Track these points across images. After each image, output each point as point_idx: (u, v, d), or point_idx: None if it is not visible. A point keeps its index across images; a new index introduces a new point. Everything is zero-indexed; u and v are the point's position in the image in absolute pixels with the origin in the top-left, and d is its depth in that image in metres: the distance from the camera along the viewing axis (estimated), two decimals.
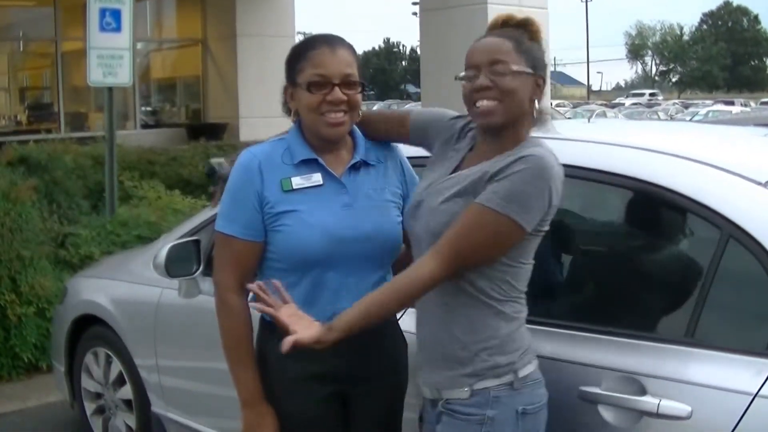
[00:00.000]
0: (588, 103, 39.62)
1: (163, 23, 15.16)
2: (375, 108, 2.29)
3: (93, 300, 3.94)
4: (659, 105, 37.42)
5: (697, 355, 1.97)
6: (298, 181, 2.11)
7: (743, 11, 77.12)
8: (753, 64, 76.35)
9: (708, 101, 40.30)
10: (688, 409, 1.91)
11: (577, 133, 3.00)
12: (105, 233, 6.24)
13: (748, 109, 26.06)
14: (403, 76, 72.84)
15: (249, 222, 2.12)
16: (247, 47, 12.72)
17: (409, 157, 2.33)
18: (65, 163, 7.11)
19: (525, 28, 2.00)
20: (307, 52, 2.12)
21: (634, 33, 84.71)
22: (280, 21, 12.97)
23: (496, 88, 1.91)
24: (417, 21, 10.60)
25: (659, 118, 24.94)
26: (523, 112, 1.95)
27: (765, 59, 76.82)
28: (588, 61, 65.65)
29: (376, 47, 76.39)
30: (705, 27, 79.02)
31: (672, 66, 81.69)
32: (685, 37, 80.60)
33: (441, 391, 1.99)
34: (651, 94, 53.34)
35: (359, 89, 2.13)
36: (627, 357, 2.05)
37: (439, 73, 8.80)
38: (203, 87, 13.82)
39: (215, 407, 3.24)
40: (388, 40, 79.25)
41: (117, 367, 3.81)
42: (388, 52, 75.22)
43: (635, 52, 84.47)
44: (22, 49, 14.21)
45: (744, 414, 1.84)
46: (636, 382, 1.99)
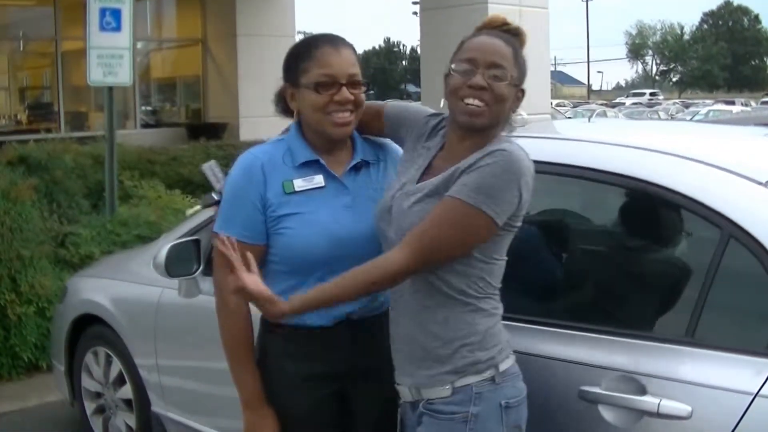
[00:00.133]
0: (588, 103, 39.61)
1: (163, 23, 15.16)
2: None
3: (93, 299, 3.94)
4: (660, 105, 37.39)
5: (697, 355, 1.97)
6: (299, 183, 2.10)
7: (744, 11, 77.08)
8: (753, 63, 76.29)
9: (708, 101, 40.27)
10: (689, 408, 1.91)
11: (578, 132, 3.01)
12: (105, 233, 6.24)
13: (749, 108, 26.04)
14: (403, 75, 72.76)
15: (249, 224, 2.10)
16: (247, 47, 12.72)
17: None
18: (65, 162, 7.10)
19: (518, 38, 2.01)
20: (311, 51, 2.11)
21: (634, 32, 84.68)
22: (280, 20, 12.96)
23: (490, 92, 1.91)
24: (417, 20, 10.60)
25: (660, 117, 24.93)
26: (502, 120, 1.97)
27: (765, 59, 76.78)
28: (588, 61, 65.72)
29: (377, 47, 76.36)
30: (705, 26, 78.97)
31: (672, 65, 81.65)
32: (686, 37, 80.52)
33: (421, 390, 1.98)
34: (651, 94, 53.29)
35: (364, 88, 2.13)
36: (627, 357, 2.04)
37: (439, 72, 8.77)
38: (203, 86, 13.82)
39: (215, 407, 3.24)
40: (389, 39, 79.26)
41: (117, 367, 3.81)
42: (389, 52, 75.14)
43: (636, 52, 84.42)
44: (22, 48, 14.19)
45: (744, 414, 1.84)
46: (636, 382, 1.99)
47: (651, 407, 1.95)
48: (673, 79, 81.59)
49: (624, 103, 40.76)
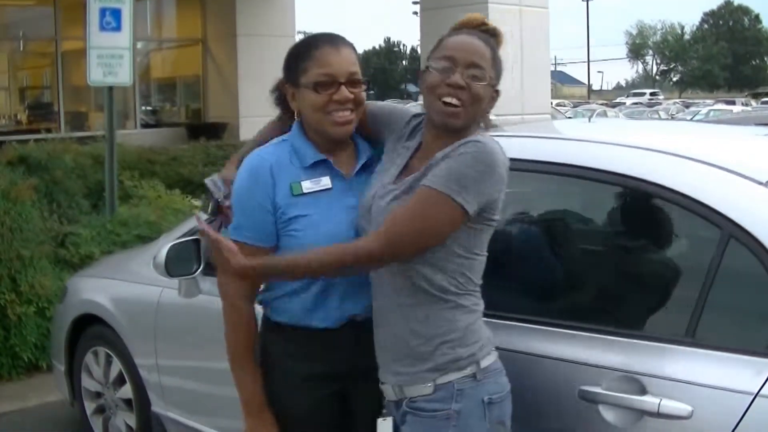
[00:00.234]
0: (588, 103, 39.58)
1: (163, 22, 15.17)
2: None
3: (93, 299, 3.94)
4: (660, 104, 37.37)
5: (697, 355, 1.96)
6: (307, 185, 2.09)
7: (744, 10, 77.08)
8: (754, 63, 76.28)
9: (709, 101, 40.24)
10: (689, 408, 1.91)
11: (578, 132, 3.00)
12: (105, 233, 6.24)
13: (749, 108, 26.02)
14: (403, 75, 72.74)
15: (259, 227, 2.10)
16: (247, 47, 12.72)
17: None
18: (65, 162, 7.10)
19: (495, 39, 2.04)
20: (311, 51, 2.11)
21: (634, 32, 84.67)
22: (280, 20, 12.97)
23: (468, 91, 1.94)
24: (417, 20, 10.60)
25: (660, 117, 24.92)
26: (477, 119, 2.00)
27: (766, 58, 76.77)
28: (588, 61, 65.64)
29: (377, 47, 76.37)
30: (706, 26, 78.96)
31: (673, 65, 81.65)
32: (686, 37, 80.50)
33: (404, 388, 1.99)
34: (652, 94, 53.23)
35: (364, 87, 2.13)
36: (627, 356, 2.04)
37: None
38: (203, 86, 13.82)
39: (215, 407, 3.23)
40: (389, 39, 79.27)
41: (117, 367, 3.81)
42: (389, 52, 75.13)
43: (636, 52, 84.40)
44: (22, 48, 14.21)
45: (745, 414, 1.83)
46: (636, 382, 1.99)
47: (651, 407, 1.95)
48: (674, 79, 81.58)
49: (624, 103, 40.73)
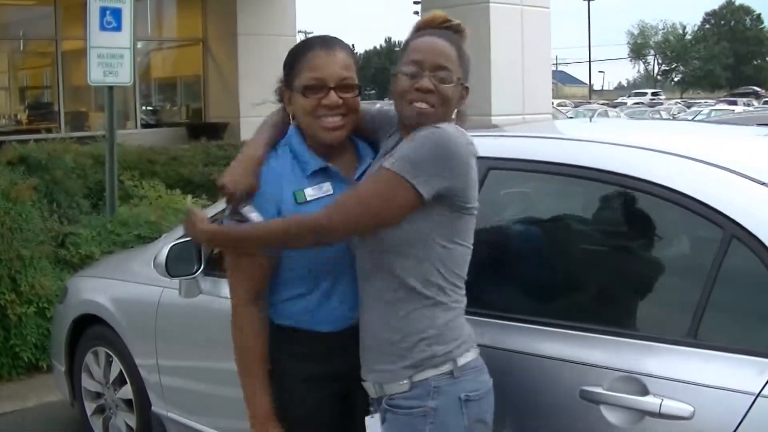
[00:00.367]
0: (590, 103, 39.56)
1: (163, 22, 15.15)
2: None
3: (93, 299, 3.94)
4: (661, 104, 37.34)
5: (699, 355, 1.96)
6: (310, 193, 2.09)
7: (746, 10, 77.01)
8: (755, 63, 76.22)
9: (710, 100, 40.20)
10: (691, 409, 1.90)
11: (579, 132, 3.00)
12: (105, 233, 6.24)
13: (751, 108, 25.98)
14: None
15: None
16: (247, 46, 12.70)
17: None
18: (65, 162, 7.10)
19: (460, 35, 2.07)
20: (303, 54, 2.11)
21: (636, 32, 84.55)
22: (280, 20, 12.95)
23: (437, 94, 1.97)
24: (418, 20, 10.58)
25: (661, 117, 24.90)
26: (449, 117, 2.02)
27: (767, 58, 76.71)
28: (590, 61, 65.61)
29: (377, 46, 76.38)
30: (707, 26, 78.88)
31: (674, 65, 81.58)
32: (688, 37, 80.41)
33: (383, 386, 2.00)
34: (653, 94, 53.20)
35: (356, 92, 2.11)
36: (629, 357, 2.04)
37: None
38: (204, 86, 13.81)
39: (216, 407, 3.23)
40: (390, 39, 79.21)
41: (117, 367, 3.81)
42: (390, 51, 75.05)
43: (637, 52, 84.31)
44: (22, 48, 14.20)
45: (746, 414, 1.83)
46: (638, 382, 1.99)
47: (653, 407, 1.95)
48: (675, 79, 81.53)
49: (626, 103, 40.64)
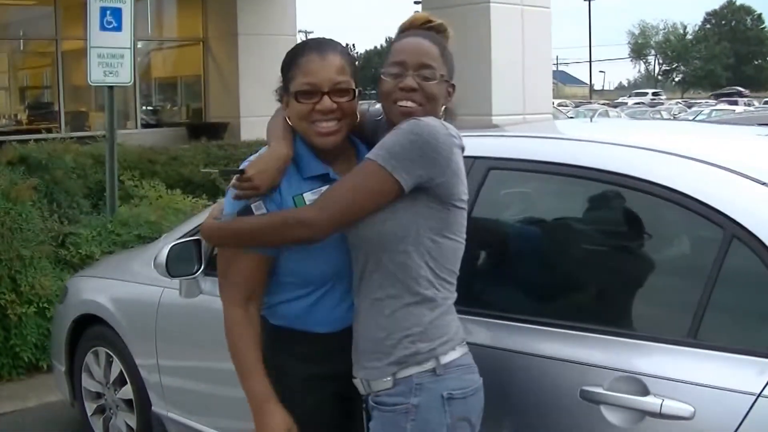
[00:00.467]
0: (590, 103, 39.54)
1: (163, 22, 15.15)
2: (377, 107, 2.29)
3: (93, 300, 3.94)
4: (662, 104, 37.33)
5: (700, 355, 1.96)
6: (309, 197, 2.08)
7: (746, 10, 76.99)
8: (756, 63, 76.20)
9: (711, 101, 40.17)
10: (691, 409, 1.90)
11: (580, 132, 3.00)
12: (105, 233, 6.24)
13: (752, 108, 25.98)
14: None
15: None
16: (248, 46, 12.70)
17: None
18: (65, 162, 7.10)
19: (442, 34, 2.09)
20: (297, 59, 2.09)
21: (637, 32, 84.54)
22: (281, 20, 12.94)
23: (421, 92, 2.00)
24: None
25: (662, 117, 24.90)
26: (437, 115, 2.03)
27: None
28: (590, 60, 65.42)
29: (378, 46, 76.37)
30: (708, 26, 78.86)
31: (675, 65, 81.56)
32: (689, 37, 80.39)
33: (370, 383, 2.01)
34: (654, 94, 53.18)
35: (351, 96, 2.09)
36: (630, 357, 2.04)
37: None
38: (204, 86, 13.80)
39: (216, 407, 3.23)
40: (390, 38, 79.02)
41: (118, 367, 3.81)
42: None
43: (638, 52, 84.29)
44: (22, 48, 14.20)
45: (747, 414, 1.83)
46: (638, 382, 1.98)
47: (653, 408, 1.94)
48: (676, 79, 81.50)
49: (626, 103, 40.63)
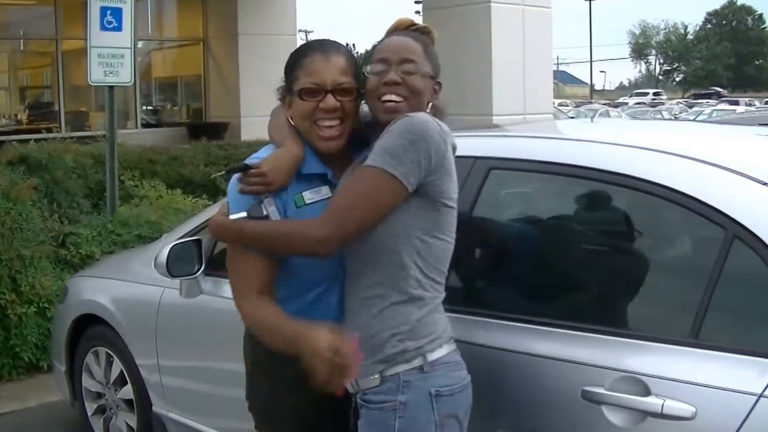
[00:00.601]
0: (591, 103, 39.53)
1: (164, 22, 15.15)
2: None
3: (94, 299, 3.94)
4: (663, 104, 37.30)
5: (701, 356, 1.96)
6: (309, 196, 2.09)
7: (747, 10, 76.95)
8: (757, 63, 76.17)
9: (712, 101, 40.15)
10: (693, 409, 1.90)
11: (581, 132, 3.00)
12: (106, 233, 6.23)
13: (753, 108, 25.96)
14: None
15: None
16: (248, 46, 12.70)
17: None
18: (66, 162, 7.10)
19: (428, 36, 2.12)
20: (301, 60, 2.12)
21: (637, 32, 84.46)
22: (281, 19, 12.94)
23: (405, 86, 2.02)
24: (420, 20, 10.58)
25: (663, 117, 24.89)
26: (421, 111, 2.03)
27: None
28: (591, 60, 65.40)
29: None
30: (709, 26, 78.83)
31: (676, 65, 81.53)
32: (689, 37, 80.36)
33: (357, 381, 2.01)
34: (655, 94, 53.16)
35: (354, 96, 2.11)
36: (631, 357, 2.03)
37: (441, 71, 8.75)
38: (204, 86, 13.80)
39: (217, 407, 3.23)
40: None
41: (118, 367, 3.81)
42: None
43: (639, 51, 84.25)
44: (22, 48, 14.20)
45: (749, 415, 1.82)
46: (640, 383, 1.98)
47: (655, 408, 1.94)
48: (677, 78, 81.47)
49: (627, 103, 40.61)
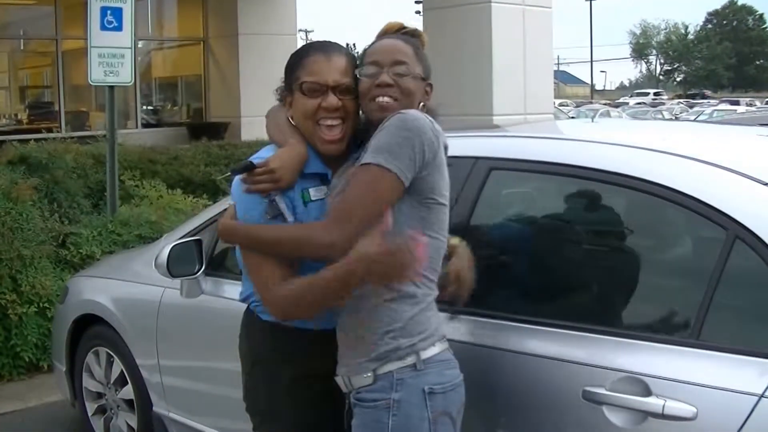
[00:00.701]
0: (591, 103, 39.52)
1: (164, 22, 15.15)
2: None
3: (94, 299, 3.94)
4: (663, 104, 37.29)
5: (702, 356, 1.95)
6: (313, 193, 2.11)
7: (748, 10, 76.94)
8: (758, 63, 76.16)
9: (713, 100, 40.14)
10: (693, 410, 1.89)
11: (581, 132, 2.99)
12: (106, 233, 6.23)
13: (753, 108, 25.95)
14: None
15: None
16: (248, 46, 12.70)
17: None
18: (66, 162, 7.10)
19: (418, 39, 2.15)
20: (302, 60, 2.14)
21: (638, 32, 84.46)
22: (281, 19, 12.94)
23: (397, 87, 2.04)
24: (420, 20, 10.57)
25: (664, 117, 24.89)
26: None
27: None
28: (592, 60, 65.31)
29: None
30: (710, 26, 78.82)
31: (676, 65, 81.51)
32: (690, 37, 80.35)
33: (351, 379, 2.02)
34: (655, 94, 53.14)
35: (355, 95, 2.12)
36: (632, 357, 2.03)
37: (442, 71, 8.74)
38: (204, 86, 13.80)
39: (217, 407, 3.23)
40: None
41: (118, 367, 3.81)
42: None
43: (639, 51, 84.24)
44: (22, 47, 14.20)
45: (750, 415, 1.82)
46: (641, 383, 1.98)
47: (656, 408, 1.94)
48: (677, 78, 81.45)
49: (627, 103, 40.60)
